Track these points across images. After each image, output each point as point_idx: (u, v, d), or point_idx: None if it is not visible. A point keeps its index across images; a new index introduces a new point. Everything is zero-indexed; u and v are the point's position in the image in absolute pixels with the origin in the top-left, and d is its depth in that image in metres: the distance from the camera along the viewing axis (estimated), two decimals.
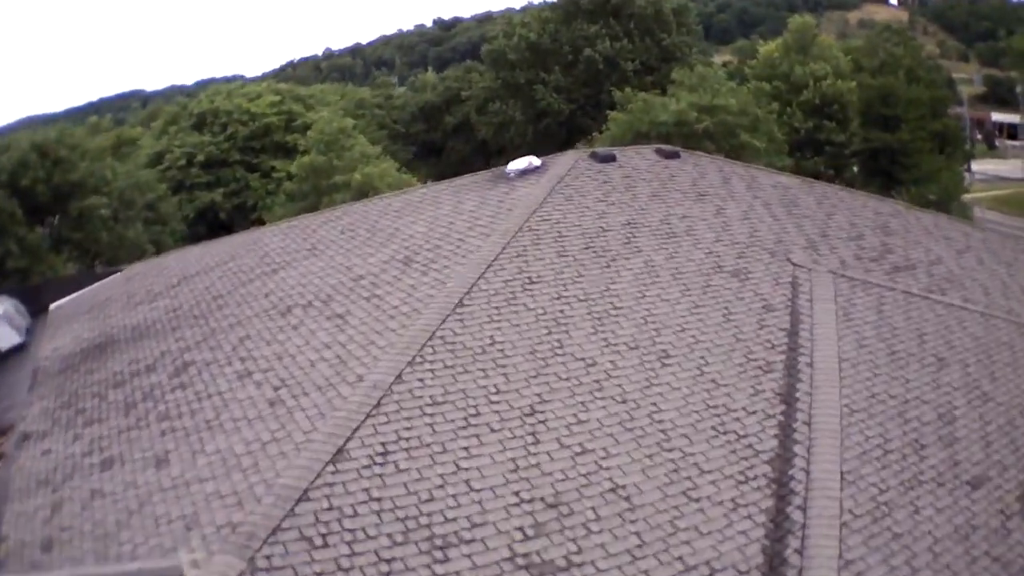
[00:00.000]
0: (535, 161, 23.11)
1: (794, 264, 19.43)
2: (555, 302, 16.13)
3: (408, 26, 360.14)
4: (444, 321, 15.00)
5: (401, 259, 18.32)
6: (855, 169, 67.37)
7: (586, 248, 18.31)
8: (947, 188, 60.76)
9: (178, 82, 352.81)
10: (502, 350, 14.57)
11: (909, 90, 66.48)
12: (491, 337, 14.85)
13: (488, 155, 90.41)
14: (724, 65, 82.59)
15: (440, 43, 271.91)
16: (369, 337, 14.94)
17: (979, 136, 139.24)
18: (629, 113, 49.22)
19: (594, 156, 23.73)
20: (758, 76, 67.69)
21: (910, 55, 72.14)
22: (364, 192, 44.23)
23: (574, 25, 77.46)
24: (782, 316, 17.13)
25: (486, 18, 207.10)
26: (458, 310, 15.37)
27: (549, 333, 15.23)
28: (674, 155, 25.09)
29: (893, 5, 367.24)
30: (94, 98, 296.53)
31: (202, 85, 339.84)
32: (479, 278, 16.35)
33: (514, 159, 23.85)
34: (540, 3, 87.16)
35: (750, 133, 46.98)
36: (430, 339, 14.47)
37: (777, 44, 69.65)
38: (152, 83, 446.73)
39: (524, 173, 22.43)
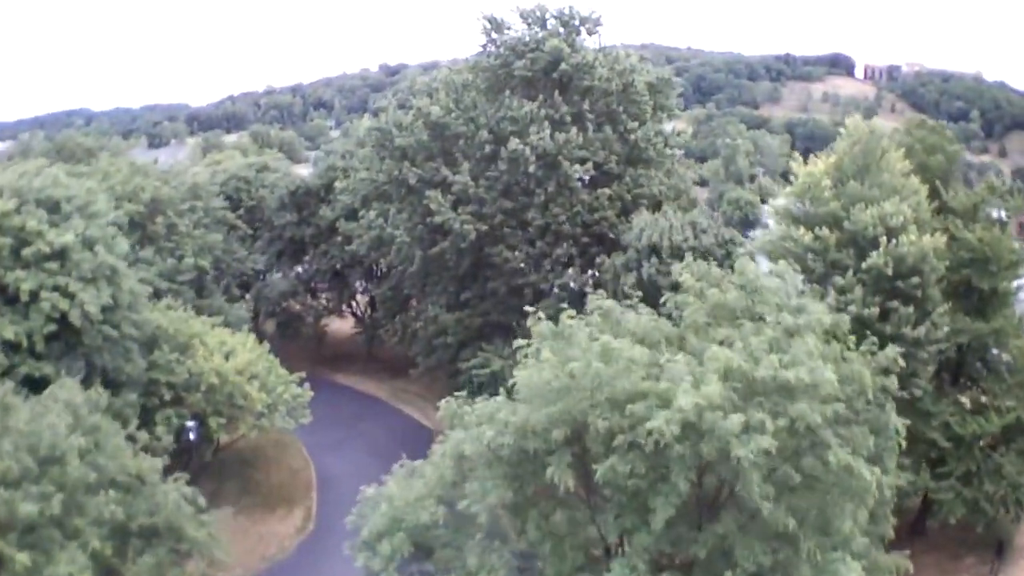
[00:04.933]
0: None
1: None
2: None
3: (353, 69, 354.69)
4: None
5: None
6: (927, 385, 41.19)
7: None
8: None
9: (124, 104, 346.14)
10: None
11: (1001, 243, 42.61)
12: None
13: (368, 272, 64.13)
14: (678, 135, 56.08)
15: (381, 89, 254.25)
16: None
17: None
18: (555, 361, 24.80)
19: None
20: (795, 216, 42.94)
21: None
22: None
23: (501, 99, 51.07)
24: None
25: (432, 66, 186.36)
26: None
27: None
28: None
29: (859, 79, 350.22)
30: (40, 112, 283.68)
31: (148, 109, 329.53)
32: None
33: None
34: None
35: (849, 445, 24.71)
36: None
37: (827, 163, 42.76)
38: (98, 103, 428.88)
39: None
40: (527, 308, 26.98)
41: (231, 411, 44.61)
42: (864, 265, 38.99)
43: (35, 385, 36.16)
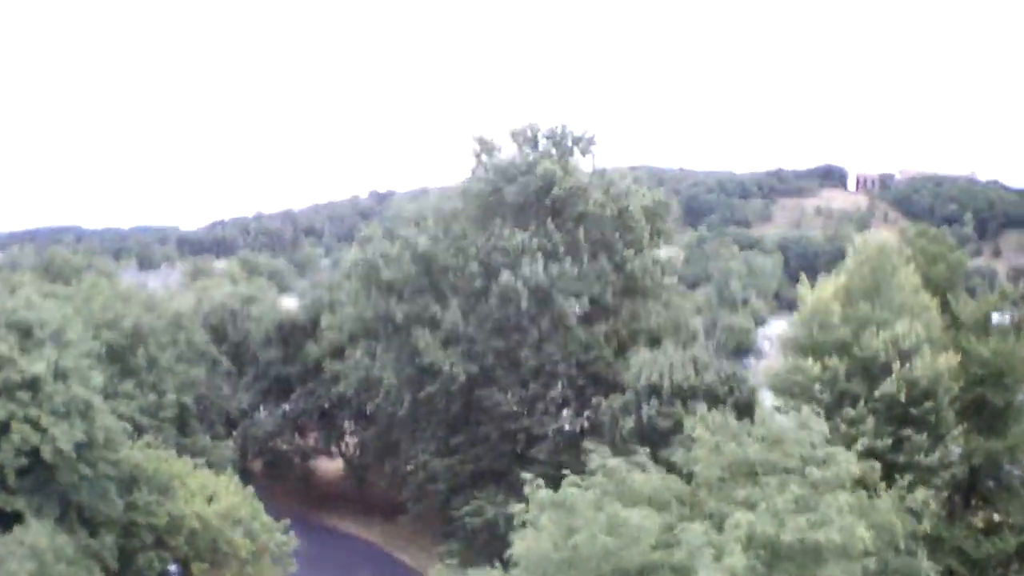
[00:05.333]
0: None
1: None
2: None
3: (343, 195, 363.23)
4: None
5: None
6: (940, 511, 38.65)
7: None
8: None
9: (114, 224, 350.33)
10: None
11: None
12: None
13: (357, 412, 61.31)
14: (670, 260, 54.31)
15: (370, 216, 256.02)
16: None
17: None
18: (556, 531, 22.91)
19: None
20: (803, 345, 40.09)
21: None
22: None
23: (491, 228, 48.89)
24: None
25: (422, 192, 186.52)
26: None
27: None
28: None
29: (851, 191, 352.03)
30: (31, 226, 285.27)
31: (138, 230, 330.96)
32: None
33: None
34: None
35: None
36: None
37: (836, 286, 40.56)
38: (89, 221, 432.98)
39: None
40: (524, 476, 24.17)
41: (215, 557, 42.23)
42: (876, 393, 36.68)
43: (6, 520, 34.83)
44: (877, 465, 27.23)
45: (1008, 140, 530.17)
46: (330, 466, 71.70)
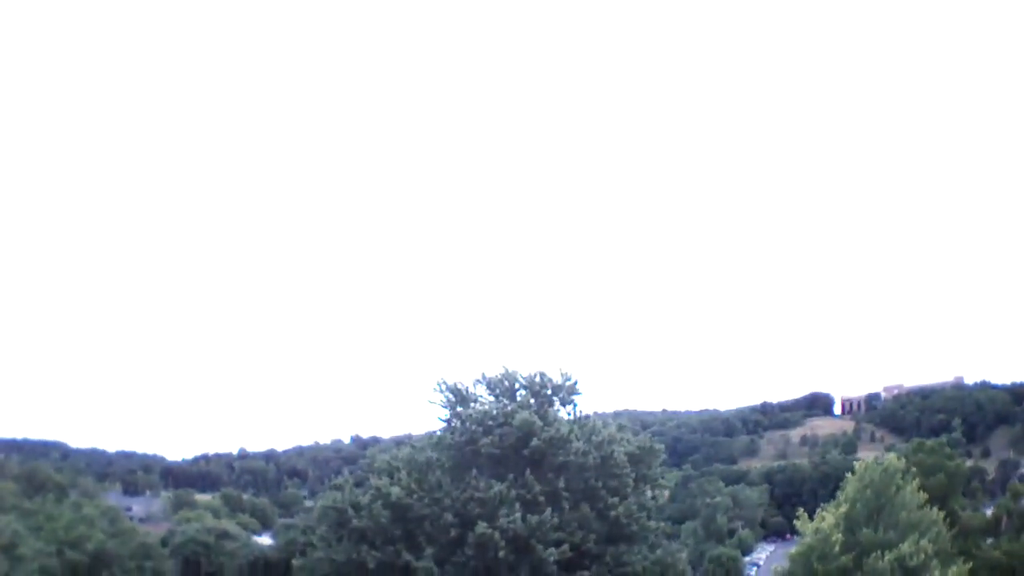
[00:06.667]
0: None
1: None
2: None
3: (325, 439, 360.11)
4: None
5: None
6: None
7: None
8: None
9: (100, 445, 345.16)
10: None
11: None
12: None
13: None
14: (654, 499, 52.37)
15: (355, 461, 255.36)
16: None
17: None
18: None
19: None
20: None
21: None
22: None
23: (467, 479, 47.59)
24: None
25: (405, 439, 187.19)
26: None
27: None
28: None
29: (837, 417, 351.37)
30: (16, 435, 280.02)
31: (123, 455, 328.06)
32: None
33: None
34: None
35: None
36: None
37: (836, 515, 39.54)
38: (75, 439, 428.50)
39: None
40: None
41: None
42: None
43: None
44: None
45: (993, 339, 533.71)
46: None
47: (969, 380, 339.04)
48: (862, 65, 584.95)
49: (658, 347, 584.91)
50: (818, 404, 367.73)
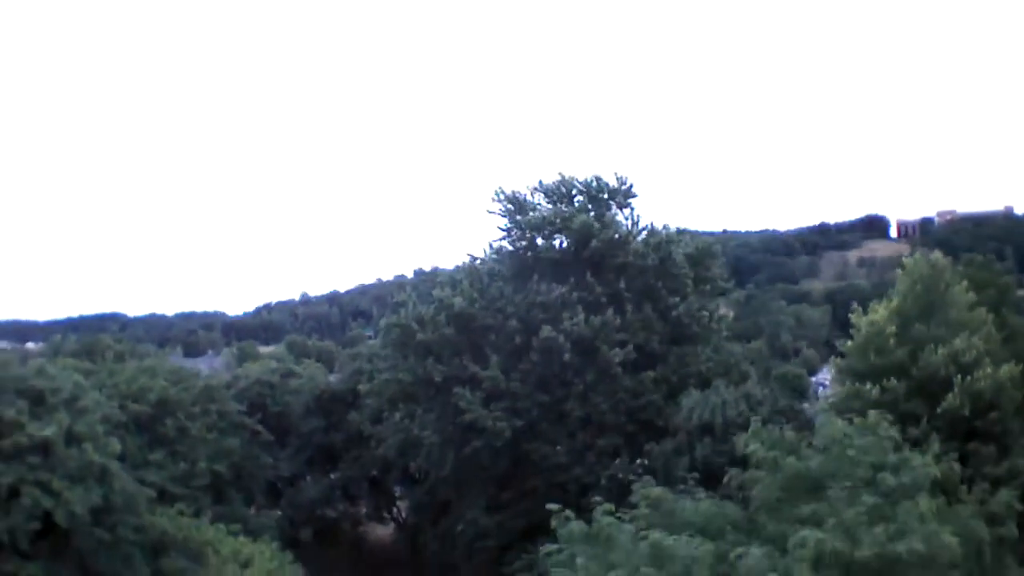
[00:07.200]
0: None
1: None
2: None
3: (388, 275, 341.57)
4: None
5: None
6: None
7: None
8: None
9: (159, 310, 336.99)
10: None
11: None
12: None
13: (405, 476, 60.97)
14: (720, 319, 54.57)
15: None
16: None
17: None
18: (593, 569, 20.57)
19: None
20: (859, 371, 38.62)
21: None
22: None
23: (529, 286, 47.99)
24: None
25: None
26: None
27: None
28: None
29: (893, 239, 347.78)
30: (74, 314, 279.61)
31: (183, 317, 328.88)
32: None
33: None
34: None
35: None
36: None
37: (890, 309, 39.46)
38: (133, 308, 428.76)
39: None
40: (550, 507, 21.94)
41: None
42: (939, 411, 35.63)
43: None
44: (957, 467, 25.68)
45: None
46: (381, 532, 70.69)
47: (1019, 210, 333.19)
48: None
49: (716, 165, 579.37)
50: (874, 226, 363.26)
